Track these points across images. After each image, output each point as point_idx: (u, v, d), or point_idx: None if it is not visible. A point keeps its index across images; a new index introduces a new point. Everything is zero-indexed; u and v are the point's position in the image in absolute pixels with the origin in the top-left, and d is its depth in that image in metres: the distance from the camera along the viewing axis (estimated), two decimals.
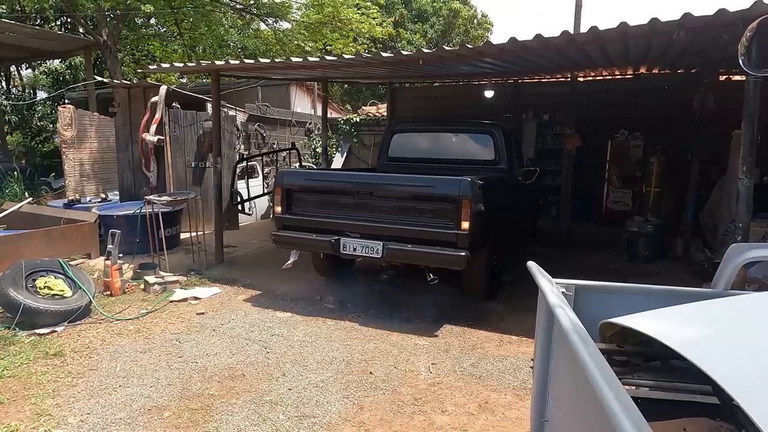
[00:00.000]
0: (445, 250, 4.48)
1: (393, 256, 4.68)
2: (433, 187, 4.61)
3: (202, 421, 3.11)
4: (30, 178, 12.06)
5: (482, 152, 6.29)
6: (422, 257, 4.62)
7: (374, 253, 4.72)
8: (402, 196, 4.78)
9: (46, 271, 4.92)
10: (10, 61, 15.38)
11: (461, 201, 4.38)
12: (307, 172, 5.73)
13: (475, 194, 4.44)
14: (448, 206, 4.49)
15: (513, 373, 3.87)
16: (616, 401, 1.10)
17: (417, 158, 6.64)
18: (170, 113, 8.23)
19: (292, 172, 5.56)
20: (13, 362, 3.83)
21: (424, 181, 4.76)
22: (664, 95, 8.68)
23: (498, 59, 6.19)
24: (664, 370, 1.91)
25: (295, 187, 5.25)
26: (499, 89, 10.09)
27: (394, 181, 5.01)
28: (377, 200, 4.86)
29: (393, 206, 4.77)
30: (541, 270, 2.15)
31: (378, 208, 4.83)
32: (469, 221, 4.37)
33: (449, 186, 4.51)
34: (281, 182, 5.29)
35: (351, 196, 4.99)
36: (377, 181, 5.15)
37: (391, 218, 4.74)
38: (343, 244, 4.86)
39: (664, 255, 7.52)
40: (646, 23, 4.07)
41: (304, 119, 13.75)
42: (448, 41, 22.65)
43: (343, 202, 5.03)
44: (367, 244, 4.75)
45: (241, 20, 16.88)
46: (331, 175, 5.45)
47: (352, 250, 4.83)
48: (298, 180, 5.37)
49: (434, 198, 4.59)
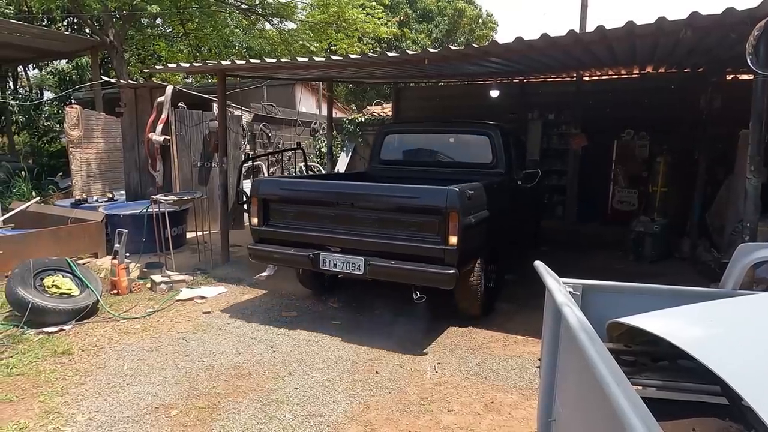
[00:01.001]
0: (431, 267, 4.08)
1: (375, 273, 4.31)
2: (418, 198, 4.21)
3: (209, 420, 3.13)
4: (37, 178, 12.14)
5: (479, 155, 5.92)
6: (406, 275, 4.22)
7: (356, 269, 4.34)
8: (385, 208, 4.39)
9: (54, 270, 4.96)
10: (17, 61, 15.49)
11: (448, 213, 3.98)
12: (284, 180, 5.16)
13: (464, 206, 4.07)
14: (435, 219, 4.09)
15: (519, 372, 3.87)
16: (625, 400, 1.10)
17: (410, 161, 6.35)
18: (176, 113, 8.26)
19: (268, 180, 5.11)
20: (21, 360, 3.86)
21: (408, 191, 4.35)
22: (671, 95, 8.64)
23: (503, 59, 6.18)
24: (672, 369, 1.90)
25: (272, 197, 4.85)
26: (505, 89, 10.07)
27: (376, 191, 4.58)
28: (358, 212, 4.47)
29: (375, 218, 4.38)
30: (548, 269, 2.15)
31: (359, 220, 4.45)
32: (458, 236, 3.97)
33: (435, 197, 4.09)
34: (257, 191, 4.88)
35: (330, 207, 4.60)
36: (357, 191, 4.63)
37: (374, 231, 4.36)
38: (322, 259, 4.47)
39: (670, 255, 7.48)
40: (653, 22, 4.05)
41: (309, 119, 13.78)
42: (453, 41, 22.62)
43: (322, 214, 4.64)
44: (348, 260, 4.37)
45: (247, 20, 16.93)
46: (308, 184, 4.98)
47: (332, 265, 4.45)
48: (274, 189, 4.94)
49: (419, 210, 4.20)
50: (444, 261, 4.04)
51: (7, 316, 4.67)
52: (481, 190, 4.64)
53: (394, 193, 4.43)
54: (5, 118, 16.17)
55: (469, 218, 4.16)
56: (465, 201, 4.09)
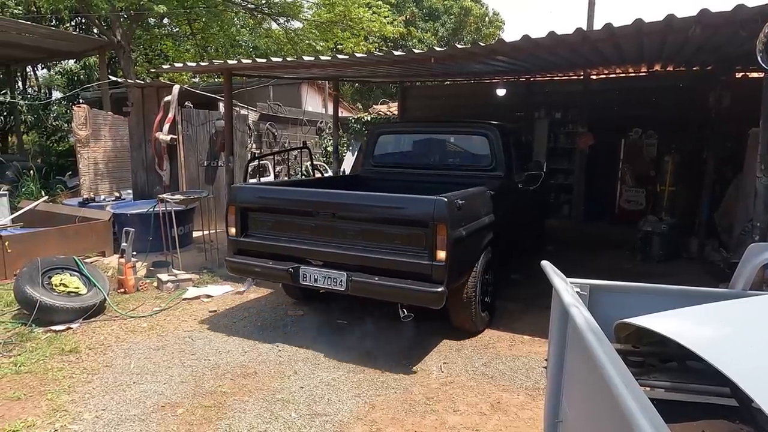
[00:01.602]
0: (417, 284, 3.73)
1: (358, 289, 3.96)
2: (403, 209, 3.87)
3: (215, 419, 3.13)
4: (45, 177, 12.23)
5: (477, 156, 5.62)
6: (390, 293, 3.88)
7: (337, 285, 4.00)
8: (368, 218, 4.05)
9: (61, 268, 4.99)
10: (26, 61, 15.63)
11: (436, 226, 3.65)
12: (262, 187, 4.81)
13: (453, 217, 3.73)
14: (421, 232, 3.74)
15: (526, 373, 3.85)
16: (633, 401, 1.08)
17: (404, 164, 6.01)
18: (183, 112, 8.29)
19: (246, 187, 4.73)
20: (29, 358, 3.89)
21: (392, 200, 4.00)
22: (679, 93, 8.57)
23: (510, 57, 6.15)
24: (680, 371, 1.88)
25: (251, 206, 4.52)
26: (511, 87, 10.03)
27: (357, 200, 4.20)
28: (340, 222, 4.14)
29: (358, 230, 4.05)
30: (555, 269, 2.13)
31: (342, 232, 4.12)
32: (447, 250, 3.63)
33: (421, 207, 3.75)
34: (234, 199, 4.54)
35: (311, 218, 4.28)
36: (338, 200, 4.26)
37: (357, 244, 4.03)
38: (302, 273, 4.14)
39: (678, 255, 7.43)
40: (661, 20, 4.01)
41: (316, 118, 13.80)
42: (459, 39, 22.56)
43: (302, 224, 4.31)
44: (330, 275, 4.03)
45: (253, 20, 16.97)
46: (287, 192, 4.65)
47: (312, 280, 4.11)
48: (252, 197, 4.60)
49: (405, 221, 3.86)
50: (431, 278, 3.70)
51: (15, 314, 4.70)
52: (475, 197, 4.36)
53: (377, 203, 4.08)
54: (14, 117, 16.29)
55: (460, 231, 3.84)
56: (454, 212, 3.77)
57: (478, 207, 4.35)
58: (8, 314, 4.72)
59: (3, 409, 3.20)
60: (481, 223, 4.29)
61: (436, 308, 3.76)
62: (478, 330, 4.52)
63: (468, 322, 4.41)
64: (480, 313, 4.46)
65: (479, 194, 4.49)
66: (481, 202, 4.47)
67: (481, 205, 4.45)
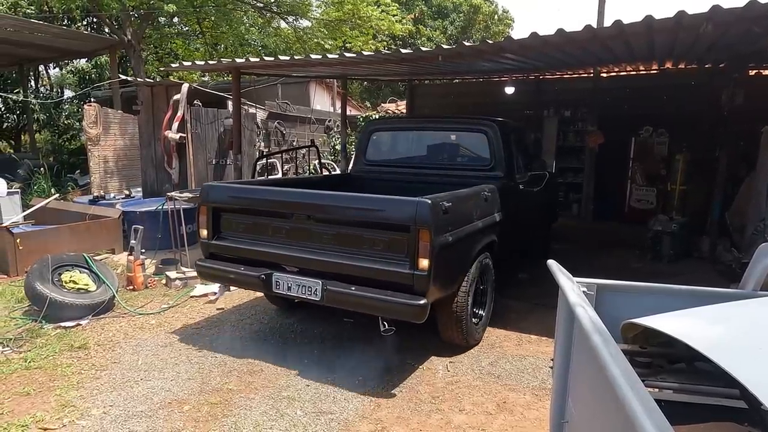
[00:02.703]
0: (397, 296, 3.36)
1: (333, 299, 3.60)
2: (383, 211, 3.49)
3: (221, 416, 3.15)
4: (57, 175, 12.35)
5: (475, 155, 5.29)
6: (367, 304, 3.51)
7: (312, 294, 3.65)
8: (345, 221, 3.70)
9: (71, 265, 5.04)
10: (39, 60, 15.78)
11: (418, 230, 3.30)
12: (235, 186, 4.45)
13: (438, 221, 3.38)
14: (402, 237, 3.39)
15: (532, 372, 3.83)
16: (638, 403, 1.07)
17: (399, 163, 5.69)
18: (192, 111, 8.33)
19: (218, 186, 4.40)
20: (39, 354, 3.93)
21: (372, 202, 3.63)
22: (691, 91, 8.47)
23: (519, 55, 6.11)
24: (688, 372, 1.86)
25: (223, 206, 4.19)
26: (520, 85, 9.97)
27: (334, 201, 3.81)
28: (316, 225, 3.79)
29: (335, 234, 3.71)
30: (561, 268, 2.11)
31: (318, 235, 3.77)
32: (430, 258, 3.29)
33: (402, 210, 3.40)
34: (206, 198, 4.20)
35: (285, 220, 3.95)
36: (313, 200, 3.86)
37: (334, 250, 3.68)
38: (275, 280, 3.79)
39: (689, 254, 7.35)
40: (672, 17, 3.96)
41: (324, 116, 13.81)
42: (468, 37, 22.48)
43: (276, 227, 3.97)
44: (304, 283, 3.68)
45: (262, 18, 17.02)
46: (260, 192, 4.27)
47: (286, 288, 3.76)
48: (225, 196, 4.22)
49: (385, 225, 3.49)
50: (413, 288, 3.35)
51: (26, 310, 4.76)
52: (466, 199, 4.03)
53: (355, 204, 3.70)
54: (27, 116, 16.48)
55: (446, 236, 3.48)
56: (439, 215, 3.42)
57: (469, 210, 3.99)
58: (19, 310, 4.78)
59: (13, 404, 3.24)
60: (473, 228, 3.95)
61: (418, 323, 3.41)
62: (470, 345, 4.19)
63: (458, 336, 4.05)
64: (472, 327, 4.11)
65: (471, 196, 4.17)
66: (473, 204, 4.11)
67: (474, 207, 4.09)
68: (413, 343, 4.26)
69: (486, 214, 4.27)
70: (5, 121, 18.88)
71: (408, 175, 5.41)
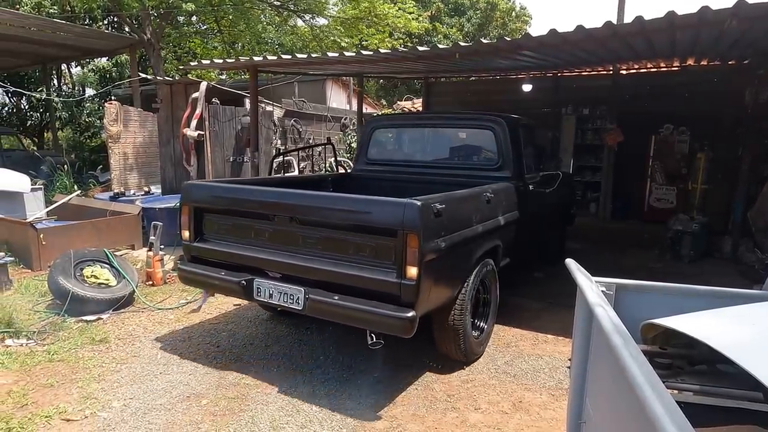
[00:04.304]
0: (383, 307, 3.06)
1: (315, 309, 3.30)
2: (369, 213, 3.20)
3: (238, 410, 3.18)
4: (78, 172, 12.61)
5: (482, 154, 5.04)
6: (351, 316, 3.19)
7: (294, 303, 3.35)
8: (329, 224, 3.38)
9: (92, 260, 5.14)
10: (61, 59, 16.09)
11: (406, 235, 2.98)
12: (217, 185, 4.12)
13: (429, 225, 3.07)
14: (389, 242, 3.09)
15: (549, 372, 3.80)
16: (659, 404, 1.06)
17: (402, 162, 5.44)
18: (210, 109, 8.42)
19: (200, 184, 4.10)
20: (62, 347, 4.02)
21: (357, 203, 3.34)
22: (713, 88, 8.31)
23: (537, 52, 6.06)
24: (710, 374, 1.83)
25: (206, 206, 3.94)
26: (538, 83, 9.89)
27: (317, 201, 3.52)
28: (299, 228, 3.50)
29: (320, 237, 3.41)
30: (580, 267, 2.09)
31: (301, 239, 3.49)
32: (419, 266, 2.98)
33: (388, 211, 3.09)
34: (188, 197, 3.94)
35: (268, 221, 3.67)
36: (295, 201, 3.56)
37: (318, 255, 3.40)
38: (256, 287, 3.51)
39: (710, 255, 7.22)
40: (695, 12, 3.89)
41: (340, 114, 13.86)
42: (485, 35, 22.34)
43: (259, 229, 3.70)
44: (286, 290, 3.39)
45: (279, 17, 17.12)
46: (242, 191, 3.93)
47: (267, 296, 3.48)
48: (207, 195, 3.97)
49: (371, 229, 3.19)
50: (400, 299, 3.05)
51: (49, 304, 4.86)
52: (464, 201, 3.73)
53: (339, 206, 3.40)
54: (50, 114, 16.84)
55: (438, 242, 3.15)
56: (430, 219, 3.10)
57: (467, 212, 3.67)
58: (42, 304, 4.89)
59: (37, 395, 3.32)
60: (471, 232, 3.63)
61: (404, 337, 3.09)
62: (469, 360, 3.87)
63: (454, 350, 3.73)
64: (471, 341, 3.78)
65: (470, 197, 3.85)
66: (472, 206, 3.78)
67: (473, 210, 3.76)
68: (429, 341, 4.26)
69: (488, 217, 3.95)
70: (29, 119, 19.31)
71: (411, 175, 5.16)
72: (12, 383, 3.46)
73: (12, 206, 7.29)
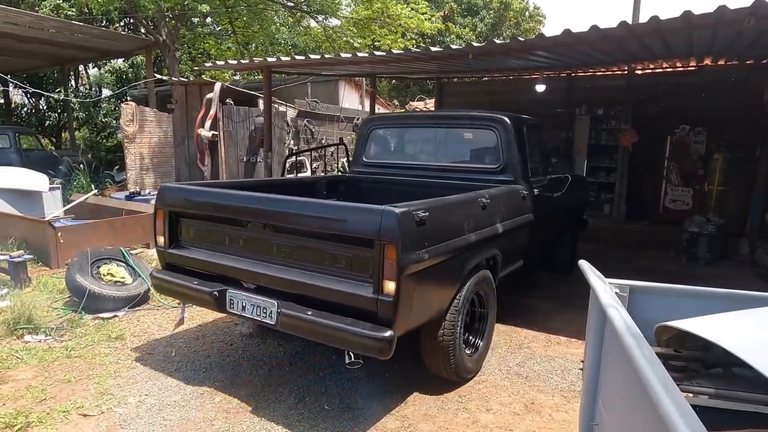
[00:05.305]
0: (358, 326, 2.77)
1: (287, 325, 3.03)
2: (345, 221, 2.91)
3: (251, 408, 3.21)
4: (95, 171, 12.81)
5: (483, 156, 4.75)
6: (323, 333, 2.89)
7: (267, 317, 3.09)
8: (304, 232, 3.10)
9: (109, 259, 5.22)
10: (78, 61, 16.37)
11: (383, 246, 2.69)
12: (191, 188, 3.80)
13: (410, 235, 2.75)
14: (367, 253, 2.80)
15: (561, 374, 3.78)
16: (673, 407, 1.05)
17: (400, 164, 5.18)
18: (224, 109, 8.51)
19: (175, 187, 3.82)
20: (79, 344, 4.09)
21: (332, 209, 3.10)
22: (731, 88, 8.19)
23: (551, 52, 6.03)
24: (725, 377, 1.81)
25: (180, 210, 3.68)
26: (552, 83, 9.82)
27: (290, 207, 3.17)
28: (273, 236, 3.25)
29: (295, 246, 3.15)
30: (593, 269, 2.09)
31: (276, 248, 3.24)
32: (398, 281, 2.67)
33: (365, 219, 2.80)
34: (162, 201, 3.70)
35: (243, 228, 3.41)
36: (267, 206, 3.26)
37: (293, 265, 3.15)
38: (229, 298, 3.27)
39: (726, 257, 7.12)
40: (712, 12, 3.85)
41: (352, 115, 13.88)
42: (498, 35, 22.23)
43: (234, 236, 3.46)
44: (259, 303, 3.13)
45: (292, 18, 17.23)
46: (214, 195, 3.61)
47: (240, 308, 3.22)
48: (181, 199, 3.67)
49: (348, 238, 2.90)
50: (377, 317, 2.77)
51: (66, 301, 4.95)
52: (454, 207, 3.41)
53: (314, 212, 3.08)
54: (68, 114, 17.12)
55: (420, 253, 2.82)
56: (411, 228, 2.78)
57: (458, 220, 3.35)
58: (60, 301, 4.98)
59: (55, 391, 3.38)
60: (462, 242, 3.29)
61: (381, 359, 2.78)
62: (462, 380, 3.57)
63: (445, 370, 3.42)
64: (463, 360, 3.47)
65: (461, 203, 3.52)
66: (464, 213, 3.46)
67: (465, 217, 3.42)
68: None
69: (484, 224, 3.62)
70: (47, 119, 19.66)
71: (409, 177, 4.93)
72: (31, 378, 3.53)
73: (31, 205, 7.43)
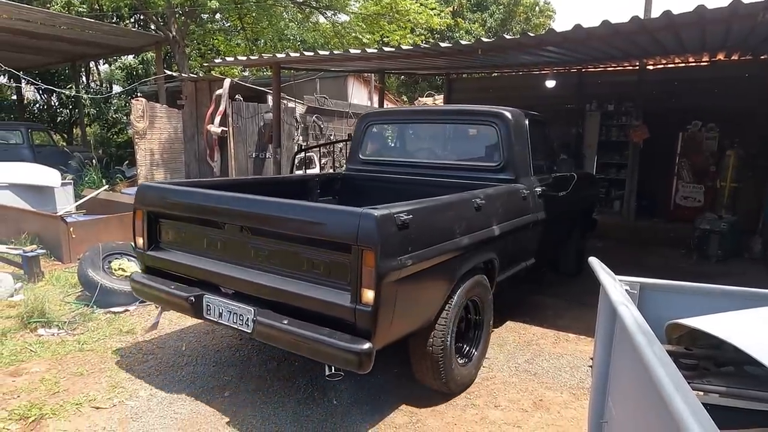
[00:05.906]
0: (335, 336, 2.57)
1: (262, 334, 2.85)
2: (322, 224, 2.71)
3: (260, 402, 3.24)
4: (106, 167, 12.93)
5: (483, 153, 4.58)
6: (297, 344, 2.72)
7: (243, 324, 2.93)
8: (281, 235, 2.94)
9: (120, 254, 5.27)
10: (89, 57, 16.48)
11: (361, 251, 2.49)
12: (170, 188, 3.62)
13: (389, 240, 2.54)
14: (345, 259, 2.61)
15: (570, 371, 3.77)
16: (684, 405, 1.05)
17: (397, 161, 5.01)
18: (233, 105, 8.55)
19: (154, 186, 3.69)
20: (91, 337, 4.14)
21: (308, 211, 2.89)
22: (744, 84, 8.08)
23: (561, 48, 5.98)
24: (737, 376, 1.80)
25: (159, 210, 3.54)
26: (562, 78, 9.75)
27: (266, 208, 2.98)
28: (250, 239, 3.12)
29: (273, 250, 3.00)
30: (603, 266, 2.08)
31: (254, 251, 3.09)
32: (377, 289, 2.47)
33: (342, 222, 2.62)
34: (141, 201, 3.56)
35: (220, 230, 3.28)
36: (243, 207, 3.08)
37: (270, 270, 2.99)
38: (206, 304, 3.11)
39: (739, 255, 7.05)
40: (726, 6, 3.80)
41: (361, 111, 13.87)
42: (508, 30, 22.08)
43: (212, 239, 3.31)
44: (236, 309, 2.97)
45: (301, 13, 17.23)
46: (191, 195, 3.41)
47: (217, 315, 3.07)
48: (160, 199, 3.52)
49: (326, 243, 2.71)
50: (355, 327, 2.57)
51: (78, 295, 5.01)
52: (443, 208, 3.19)
53: (290, 215, 2.86)
54: (79, 110, 17.28)
55: (402, 259, 2.60)
56: (392, 232, 2.57)
57: (447, 223, 3.12)
58: (72, 295, 5.04)
59: (68, 383, 3.43)
60: (452, 246, 3.06)
61: (360, 372, 2.54)
62: (453, 392, 3.35)
63: (434, 381, 3.22)
64: (455, 370, 3.27)
65: (451, 205, 3.31)
66: (455, 215, 3.25)
67: (456, 219, 3.21)
68: None
69: (479, 226, 3.40)
70: (59, 115, 19.86)
71: (407, 176, 4.76)
72: (44, 371, 3.58)
73: (43, 200, 7.52)
